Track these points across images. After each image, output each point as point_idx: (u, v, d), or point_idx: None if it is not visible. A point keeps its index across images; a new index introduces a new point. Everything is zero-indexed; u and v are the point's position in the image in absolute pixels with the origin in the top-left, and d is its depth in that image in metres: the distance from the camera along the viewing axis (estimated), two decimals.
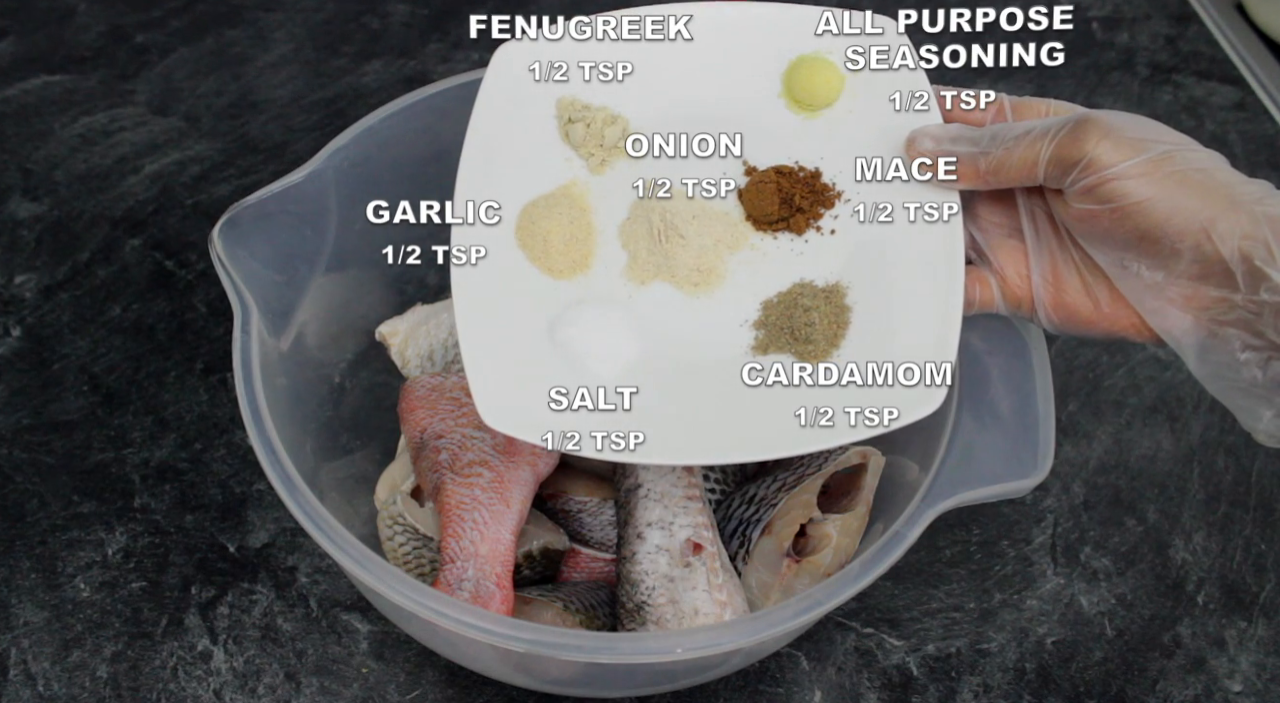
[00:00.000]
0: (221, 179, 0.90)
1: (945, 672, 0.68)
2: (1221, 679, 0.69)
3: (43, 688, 0.66)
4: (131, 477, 0.74)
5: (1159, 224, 0.47)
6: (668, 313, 0.59)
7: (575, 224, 0.60)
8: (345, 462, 0.69)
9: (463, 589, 0.59)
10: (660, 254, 0.59)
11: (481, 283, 0.58)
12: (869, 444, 0.65)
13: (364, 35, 1.00)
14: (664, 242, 0.59)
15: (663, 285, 0.60)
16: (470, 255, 0.58)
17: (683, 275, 0.59)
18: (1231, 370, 0.48)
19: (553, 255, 0.60)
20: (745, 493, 0.65)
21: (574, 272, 0.60)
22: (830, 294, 0.58)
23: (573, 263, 0.60)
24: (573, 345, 0.58)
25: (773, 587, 0.62)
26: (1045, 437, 0.57)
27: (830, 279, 0.59)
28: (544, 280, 0.59)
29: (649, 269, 0.60)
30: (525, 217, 0.60)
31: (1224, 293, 0.47)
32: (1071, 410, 0.80)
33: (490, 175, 0.60)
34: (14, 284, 0.83)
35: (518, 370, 0.57)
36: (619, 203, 0.61)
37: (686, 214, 0.60)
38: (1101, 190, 0.48)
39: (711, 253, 0.59)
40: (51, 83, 0.95)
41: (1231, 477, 0.77)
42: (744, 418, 0.57)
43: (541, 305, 0.59)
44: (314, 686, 0.66)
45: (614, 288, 0.60)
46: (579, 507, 0.67)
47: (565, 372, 0.57)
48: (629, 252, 0.60)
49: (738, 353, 0.58)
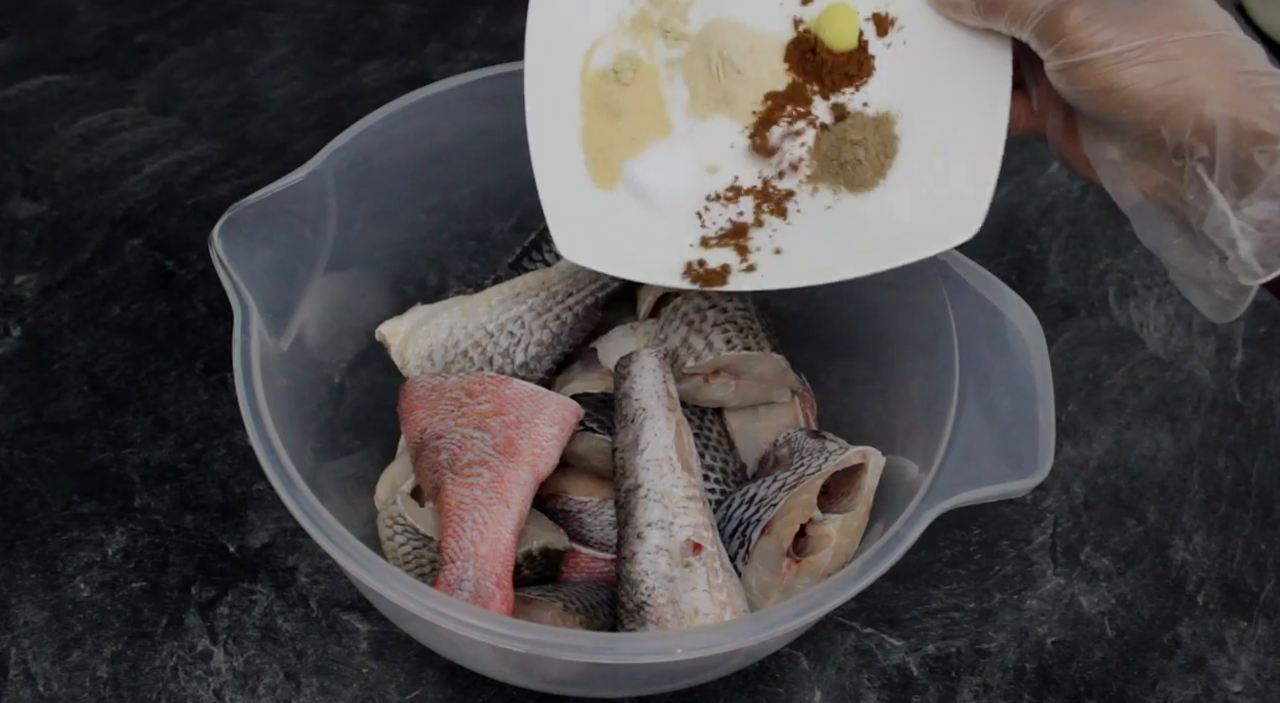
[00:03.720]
0: (221, 179, 0.89)
1: (945, 672, 0.68)
2: (1221, 679, 0.69)
3: (43, 688, 0.66)
4: (131, 477, 0.74)
5: (1113, 111, 0.51)
6: (727, 146, 0.62)
7: (638, 59, 0.62)
8: (345, 462, 0.69)
9: (463, 589, 0.59)
10: (719, 89, 0.61)
11: (554, 121, 0.61)
12: (869, 444, 0.65)
13: (364, 35, 1.00)
14: (721, 77, 0.61)
15: (722, 119, 0.61)
16: (543, 95, 0.61)
17: (740, 109, 0.61)
18: (1168, 251, 0.53)
19: (621, 97, 0.62)
20: (745, 493, 0.65)
21: (641, 110, 0.62)
22: (880, 124, 0.60)
23: (639, 101, 0.62)
24: (639, 181, 0.62)
25: (773, 587, 0.62)
26: (1045, 437, 0.57)
27: (881, 108, 0.60)
28: (613, 120, 0.62)
29: (709, 103, 0.61)
30: (594, 55, 0.62)
31: (1169, 180, 0.51)
32: (1071, 410, 0.80)
33: (556, 17, 0.62)
34: (14, 284, 0.83)
35: (592, 207, 0.61)
36: (683, 33, 0.62)
37: (743, 47, 0.61)
38: (1070, 72, 0.51)
39: (769, 85, 0.61)
40: (51, 83, 0.95)
41: (1231, 477, 0.77)
42: (799, 246, 0.60)
43: (612, 142, 0.62)
44: (314, 686, 0.66)
45: (677, 121, 0.62)
46: (579, 507, 0.67)
47: (633, 206, 0.61)
48: (690, 86, 0.62)
49: (791, 185, 0.61)
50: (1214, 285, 0.51)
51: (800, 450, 0.66)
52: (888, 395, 0.68)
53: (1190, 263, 0.52)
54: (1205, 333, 0.84)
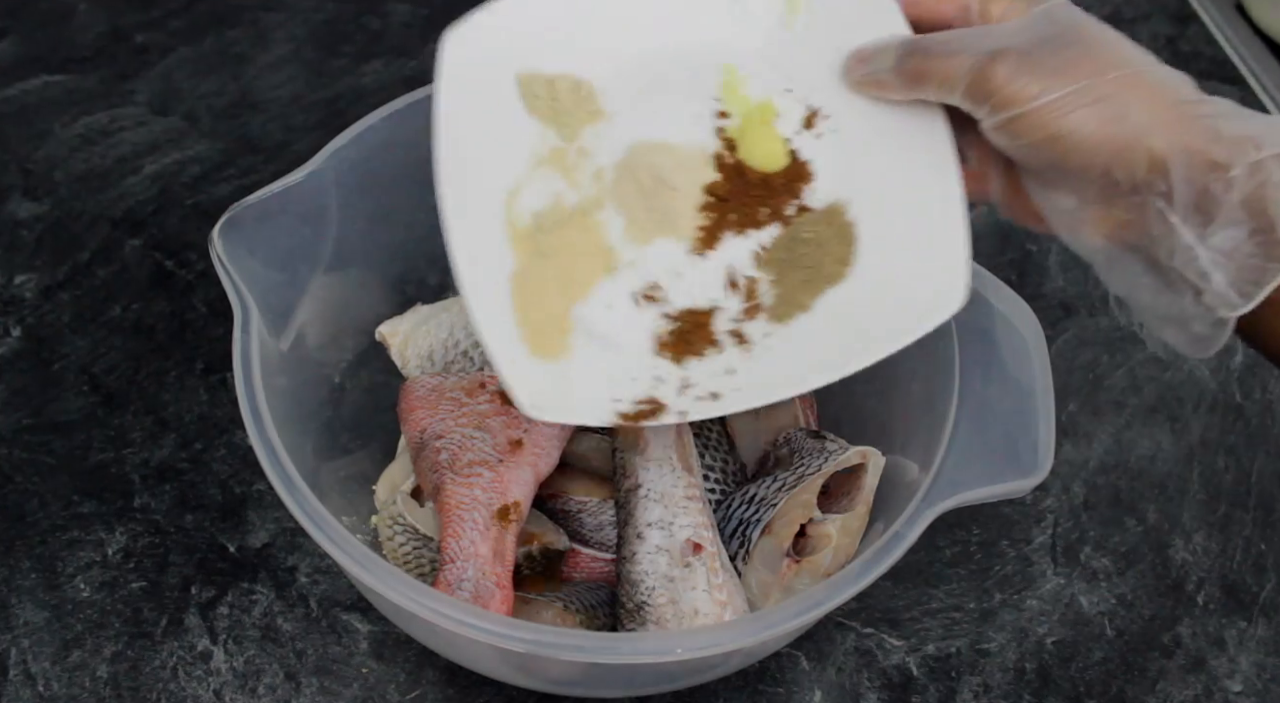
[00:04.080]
0: (221, 179, 0.89)
1: (945, 672, 0.68)
2: (1221, 679, 0.69)
3: (43, 688, 0.66)
4: (131, 477, 0.74)
5: (1060, 159, 0.49)
6: (674, 268, 0.58)
7: (562, 200, 0.59)
8: (345, 462, 0.69)
9: (463, 589, 0.59)
10: (656, 211, 0.58)
11: (491, 281, 0.58)
12: (869, 444, 0.65)
13: (364, 35, 1.00)
14: (656, 197, 0.58)
15: (665, 241, 0.58)
16: (470, 257, 0.57)
17: (683, 226, 0.58)
18: (1137, 292, 0.51)
19: (555, 242, 0.59)
20: (745, 493, 0.65)
21: (579, 251, 0.59)
22: (830, 215, 0.57)
23: (575, 241, 0.59)
24: (591, 326, 0.58)
25: (773, 587, 0.62)
26: (1045, 437, 0.57)
27: (828, 200, 0.58)
28: (550, 267, 0.58)
29: (647, 227, 0.58)
30: (512, 203, 0.59)
31: (1130, 217, 0.49)
32: (1071, 410, 0.80)
33: (467, 171, 0.58)
34: (14, 284, 0.83)
35: (547, 359, 0.57)
36: (605, 163, 0.59)
37: (671, 164, 0.58)
38: (1008, 127, 0.50)
39: (706, 196, 0.58)
40: (51, 83, 0.95)
41: (1231, 477, 0.77)
42: (776, 358, 0.57)
43: (557, 288, 0.58)
44: (314, 686, 0.66)
45: (618, 253, 0.59)
46: (579, 507, 0.67)
47: (595, 350, 0.58)
48: (624, 214, 0.59)
49: (753, 298, 0.58)
50: (1191, 321, 0.50)
51: (800, 450, 0.66)
52: (888, 395, 0.68)
53: (1162, 301, 0.51)
54: None
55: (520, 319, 0.57)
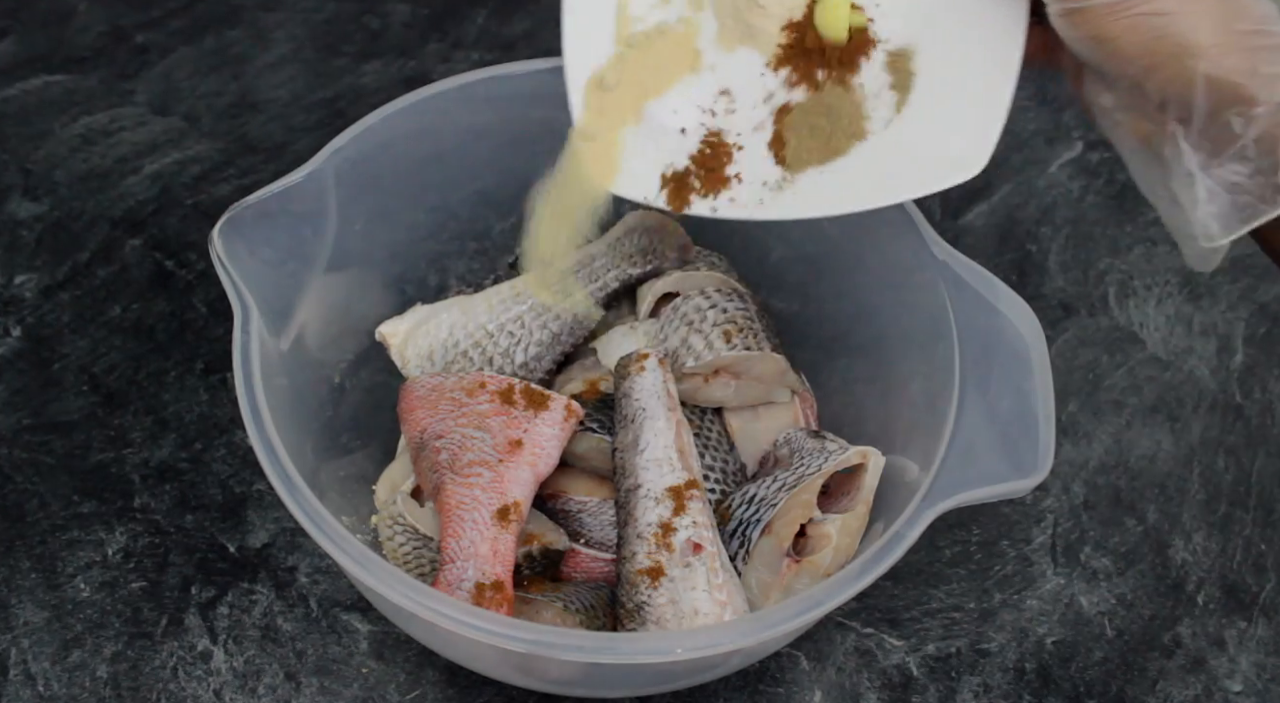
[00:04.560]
0: (221, 179, 0.89)
1: (945, 672, 0.68)
2: (1221, 679, 0.69)
3: (43, 688, 0.66)
4: (131, 477, 0.74)
5: (1102, 60, 0.51)
6: (749, 79, 0.61)
7: None
8: (345, 462, 0.69)
9: (463, 589, 0.59)
10: (742, 23, 0.61)
11: (590, 51, 0.62)
12: (869, 444, 0.65)
13: (364, 35, 1.00)
14: (745, 11, 0.60)
15: (746, 51, 0.61)
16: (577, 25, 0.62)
17: (764, 44, 0.61)
18: (1156, 199, 0.53)
19: (650, 27, 0.62)
20: (745, 493, 0.65)
21: (672, 44, 0.62)
22: (896, 59, 0.59)
23: (671, 37, 0.62)
24: (660, 119, 0.62)
25: (773, 587, 0.62)
26: (1045, 437, 0.57)
27: (899, 44, 0.60)
28: (643, 52, 0.62)
29: (734, 36, 0.61)
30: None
31: (1153, 130, 0.51)
32: (1071, 410, 0.80)
33: None
34: (14, 284, 0.83)
35: (622, 139, 0.62)
36: None
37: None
38: (1068, 18, 0.51)
39: (790, 16, 0.60)
40: (51, 83, 0.95)
41: (1231, 477, 0.77)
42: (796, 178, 0.60)
43: (642, 75, 0.62)
44: (314, 686, 0.66)
45: (705, 52, 0.62)
46: (579, 507, 0.67)
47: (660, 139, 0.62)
48: (718, 19, 0.61)
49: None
50: (1196, 238, 0.52)
51: (800, 450, 0.66)
52: (888, 395, 0.68)
53: (1172, 214, 0.52)
54: (1205, 333, 0.84)
55: (600, 81, 0.62)
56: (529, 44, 0.98)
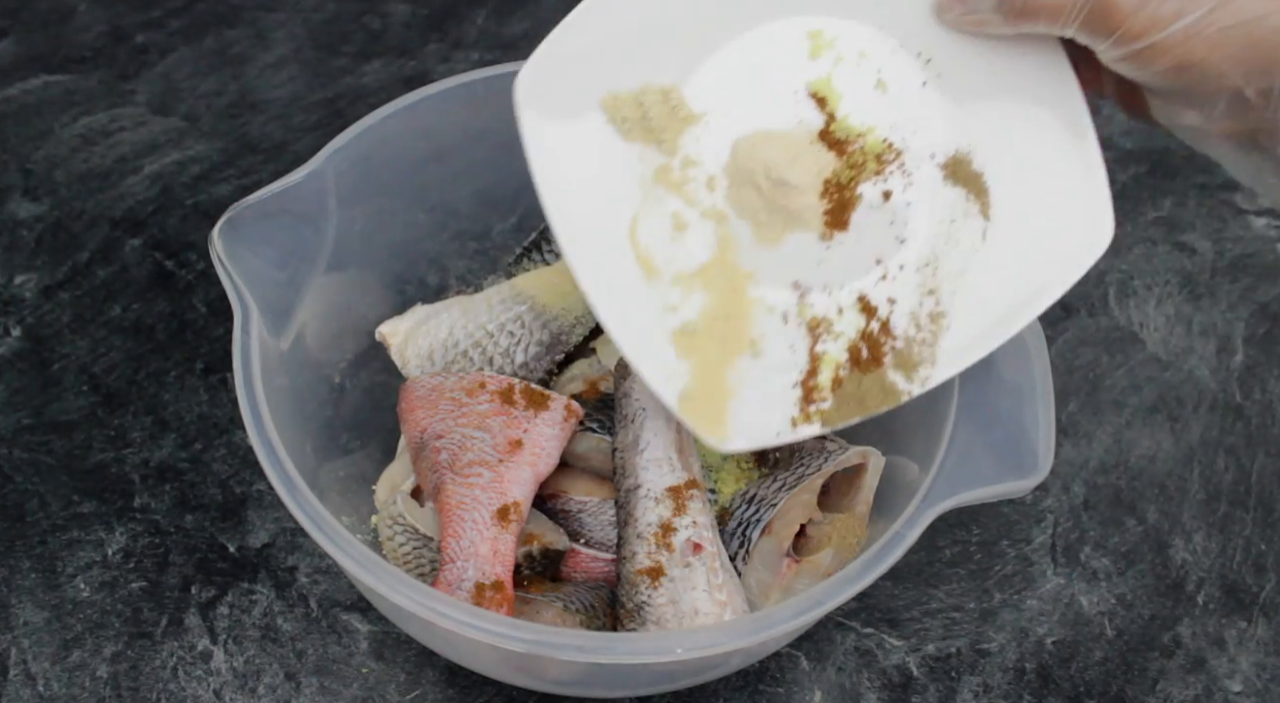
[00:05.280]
0: (221, 179, 0.90)
1: (945, 672, 0.68)
2: (1221, 679, 0.69)
3: (43, 688, 0.66)
4: (131, 477, 0.74)
5: (1191, 86, 0.48)
6: (815, 258, 0.57)
7: (683, 217, 0.57)
8: (345, 462, 0.69)
9: (463, 589, 0.59)
10: (780, 211, 0.56)
11: (645, 333, 0.57)
12: (869, 444, 0.65)
13: (364, 35, 1.00)
14: (780, 196, 0.56)
15: (796, 236, 0.57)
16: (619, 317, 0.57)
17: (810, 219, 0.56)
18: (1261, 184, 0.51)
19: (683, 272, 0.58)
20: (745, 493, 0.65)
21: (706, 273, 0.58)
22: (956, 166, 0.56)
23: (702, 254, 0.57)
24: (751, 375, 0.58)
25: (773, 587, 0.62)
26: (1045, 437, 0.57)
27: (949, 152, 0.56)
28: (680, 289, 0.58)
29: (775, 227, 0.57)
30: (636, 237, 0.57)
31: (1259, 126, 0.48)
32: (1071, 410, 0.80)
33: (582, 221, 0.56)
34: (14, 284, 0.83)
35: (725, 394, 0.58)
36: (714, 169, 0.57)
37: (784, 160, 0.56)
38: (1136, 58, 0.47)
39: (823, 176, 0.56)
40: (51, 83, 0.95)
41: (1231, 477, 0.77)
42: (936, 333, 0.58)
43: (713, 340, 0.58)
44: (314, 686, 0.66)
45: (752, 260, 0.57)
46: (579, 507, 0.67)
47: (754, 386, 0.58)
48: (748, 219, 0.57)
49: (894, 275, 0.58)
50: None
51: (800, 450, 0.66)
52: None
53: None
54: (1205, 333, 0.84)
55: (683, 368, 0.58)
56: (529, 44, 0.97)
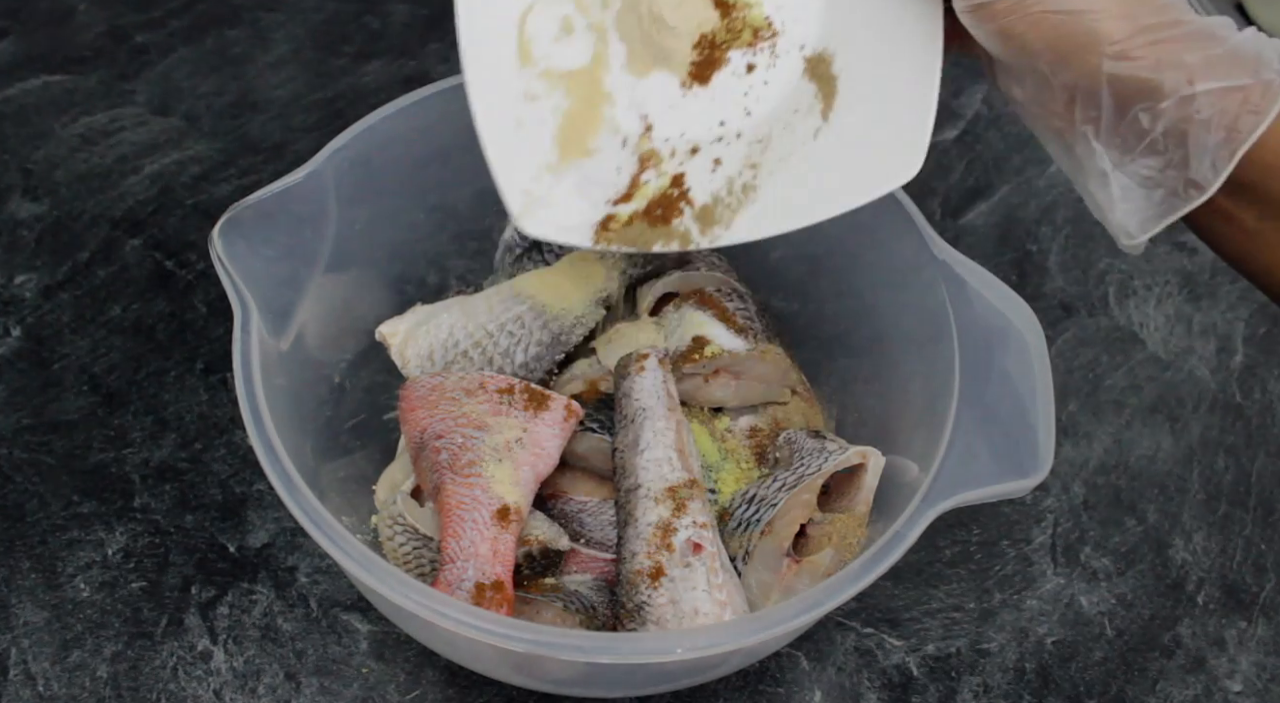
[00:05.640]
0: (221, 179, 0.90)
1: (945, 672, 0.68)
2: (1221, 679, 0.69)
3: (43, 688, 0.66)
4: (131, 477, 0.74)
5: (1010, 56, 0.50)
6: (667, 101, 0.60)
7: (571, 23, 0.60)
8: (345, 462, 0.69)
9: (463, 589, 0.59)
10: (653, 45, 0.59)
11: (501, 101, 0.59)
12: (869, 444, 0.65)
13: (364, 35, 1.00)
14: (654, 33, 0.59)
15: (661, 74, 0.60)
16: (482, 77, 0.59)
17: (677, 63, 0.59)
18: (1077, 185, 0.53)
19: (557, 64, 0.60)
20: (745, 493, 0.65)
21: (579, 82, 0.60)
22: (817, 64, 0.59)
23: (576, 73, 0.60)
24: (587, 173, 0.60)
25: (773, 587, 0.62)
26: (1045, 437, 0.57)
27: (816, 48, 0.59)
28: (554, 95, 0.60)
29: (645, 60, 0.60)
30: (525, 25, 0.59)
31: (1064, 126, 0.50)
32: (1071, 410, 0.80)
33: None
34: (14, 284, 0.83)
35: (549, 182, 0.60)
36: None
37: (672, 1, 0.59)
38: (974, 13, 0.50)
39: (701, 30, 0.59)
40: (51, 83, 0.95)
41: (1231, 477, 0.77)
42: (737, 201, 0.61)
43: (560, 125, 0.60)
44: (314, 686, 0.66)
45: (617, 81, 0.60)
46: (579, 507, 0.67)
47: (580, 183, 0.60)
48: (626, 44, 0.60)
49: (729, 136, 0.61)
50: (1117, 235, 0.52)
51: (800, 450, 0.66)
52: (888, 395, 0.68)
53: (1095, 206, 0.52)
54: (1205, 333, 0.84)
55: (522, 145, 0.60)
56: None
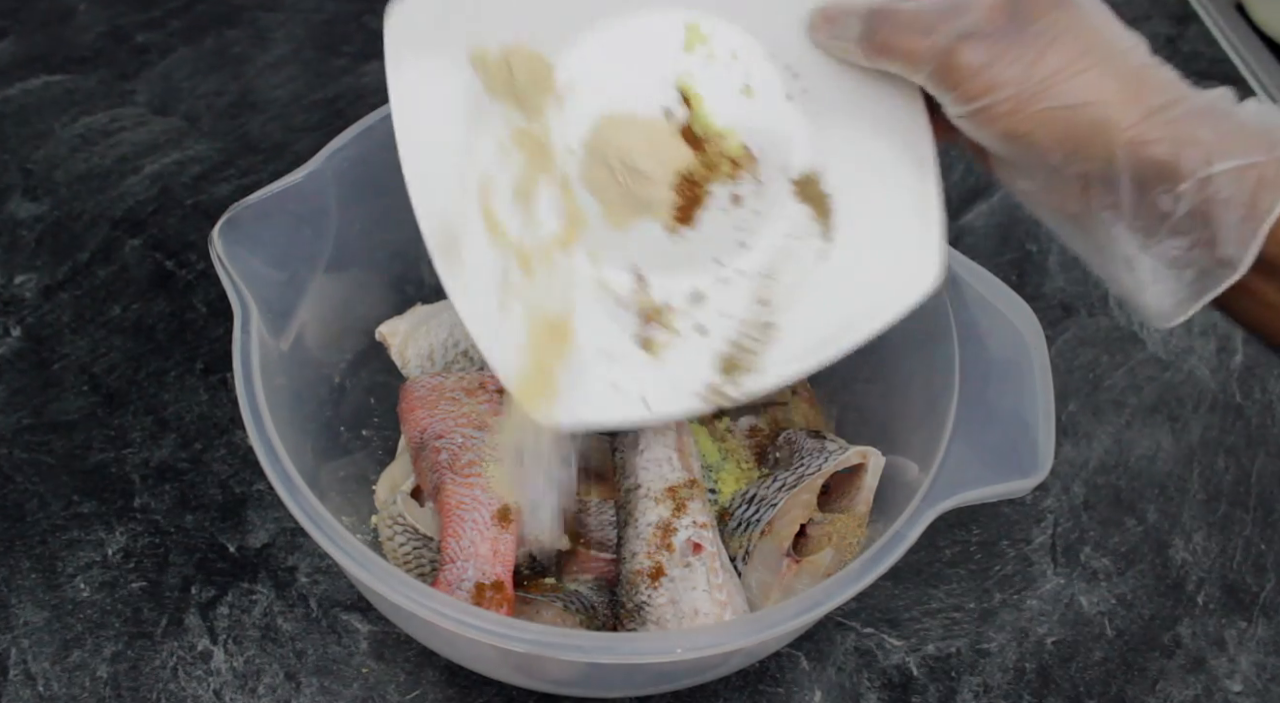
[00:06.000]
0: (221, 179, 0.90)
1: (945, 672, 0.68)
2: (1221, 679, 0.69)
3: (43, 688, 0.66)
4: (131, 477, 0.74)
5: (1018, 154, 0.48)
6: (655, 249, 0.57)
7: (534, 186, 0.57)
8: (345, 462, 0.69)
9: (463, 589, 0.59)
10: (631, 197, 0.56)
11: (477, 286, 0.58)
12: (869, 444, 0.65)
13: (364, 35, 1.00)
14: (632, 183, 0.56)
15: (643, 223, 0.57)
16: (456, 269, 0.57)
17: (660, 210, 0.56)
18: (1094, 266, 0.51)
19: (528, 235, 0.58)
20: (745, 493, 0.65)
21: (557, 239, 0.58)
22: (805, 185, 0.56)
23: (550, 245, 0.58)
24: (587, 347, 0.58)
25: (773, 587, 0.62)
26: (1045, 437, 0.57)
27: (803, 169, 0.56)
28: (533, 274, 0.58)
29: (624, 212, 0.57)
30: (487, 195, 0.57)
31: (1080, 211, 0.48)
32: (1071, 410, 0.80)
33: (434, 163, 0.57)
34: (14, 284, 0.83)
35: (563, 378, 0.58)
36: (573, 142, 0.57)
37: (640, 148, 0.56)
38: (973, 118, 0.48)
39: (677, 169, 0.56)
40: (51, 83, 0.95)
41: (1231, 477, 0.77)
42: (761, 347, 0.57)
43: (546, 301, 0.58)
44: (314, 686, 0.66)
45: (601, 237, 0.57)
46: (579, 507, 0.67)
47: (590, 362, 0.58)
48: (598, 198, 0.57)
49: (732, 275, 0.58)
50: (1151, 319, 0.50)
51: (800, 450, 0.66)
52: (888, 395, 0.68)
53: (1121, 288, 0.50)
54: (1205, 333, 0.84)
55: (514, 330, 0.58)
56: None
